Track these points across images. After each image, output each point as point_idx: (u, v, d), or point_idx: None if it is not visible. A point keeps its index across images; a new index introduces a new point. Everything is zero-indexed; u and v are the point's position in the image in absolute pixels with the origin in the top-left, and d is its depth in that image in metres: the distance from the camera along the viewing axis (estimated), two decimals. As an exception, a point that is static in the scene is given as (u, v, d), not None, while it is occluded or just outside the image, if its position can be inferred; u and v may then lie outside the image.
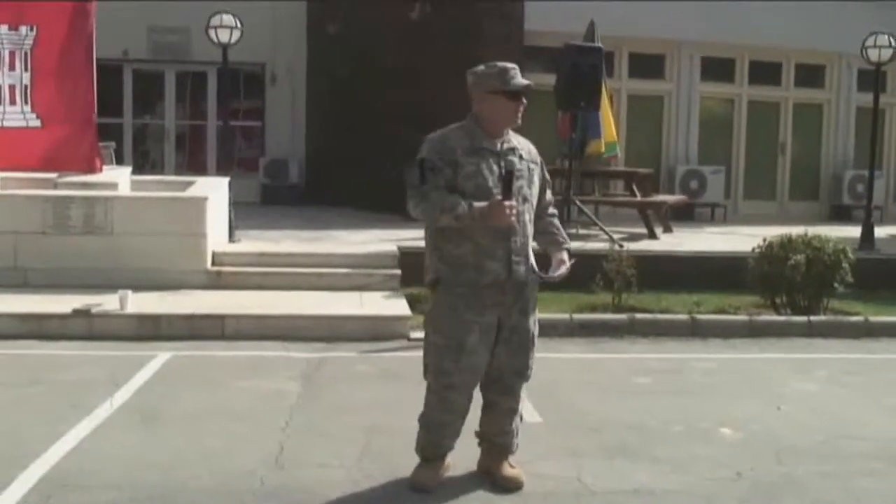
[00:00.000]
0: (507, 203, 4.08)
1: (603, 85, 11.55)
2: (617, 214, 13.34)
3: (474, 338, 4.28)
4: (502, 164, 4.20)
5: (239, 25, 10.85)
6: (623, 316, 8.54)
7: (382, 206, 12.29)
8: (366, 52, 14.62)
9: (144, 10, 15.80)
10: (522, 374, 4.51)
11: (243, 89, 17.41)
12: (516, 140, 4.38)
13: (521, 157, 4.31)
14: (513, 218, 4.11)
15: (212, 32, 10.84)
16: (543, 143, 13.80)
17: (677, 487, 4.55)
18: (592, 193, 14.04)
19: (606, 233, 10.83)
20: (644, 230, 12.05)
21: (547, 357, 7.43)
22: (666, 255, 10.61)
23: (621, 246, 9.93)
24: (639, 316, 8.56)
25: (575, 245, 10.61)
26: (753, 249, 9.20)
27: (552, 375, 6.84)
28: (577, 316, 8.51)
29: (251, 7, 13.51)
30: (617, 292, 8.97)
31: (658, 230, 12.15)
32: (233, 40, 10.87)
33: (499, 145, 4.28)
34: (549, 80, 11.58)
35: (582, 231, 11.58)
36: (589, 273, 9.07)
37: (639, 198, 12.71)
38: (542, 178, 4.48)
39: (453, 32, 13.19)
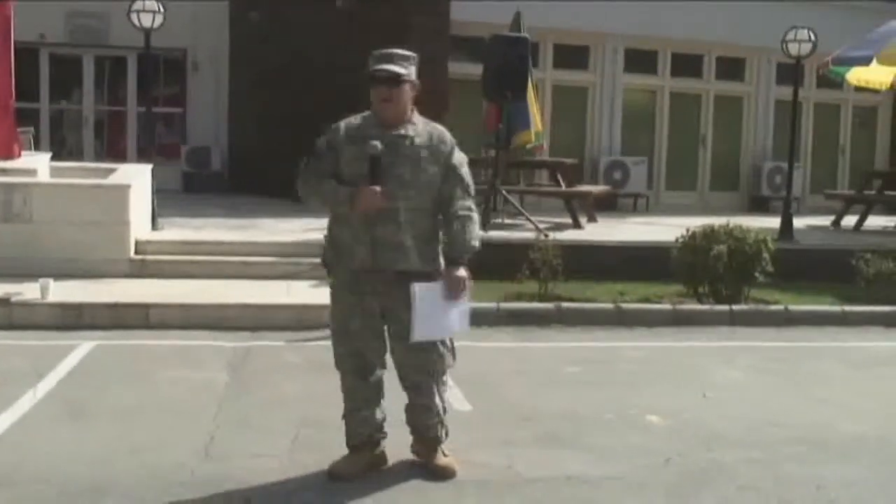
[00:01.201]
0: (370, 189, 4.10)
1: (529, 76, 11.62)
2: (542, 204, 13.46)
3: (356, 322, 4.31)
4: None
5: (161, 10, 10.65)
6: (550, 305, 8.63)
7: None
8: (292, 42, 14.49)
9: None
10: (427, 371, 4.41)
11: (164, 76, 17.10)
12: (420, 128, 4.27)
13: (412, 143, 4.21)
14: (380, 205, 4.10)
15: (134, 16, 10.62)
16: (470, 133, 13.95)
17: (609, 474, 4.63)
18: (518, 183, 14.14)
19: (532, 222, 10.93)
20: (569, 220, 12.18)
21: (476, 346, 7.51)
22: (591, 244, 10.73)
23: (546, 235, 10.03)
24: (565, 305, 8.66)
25: (500, 235, 10.82)
26: (677, 239, 9.37)
27: (481, 364, 6.90)
28: (504, 305, 8.57)
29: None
30: (543, 281, 9.05)
31: (583, 220, 12.29)
32: (155, 25, 10.66)
33: (388, 133, 4.20)
34: (476, 70, 11.63)
35: (508, 221, 11.66)
36: (515, 262, 9.16)
37: (564, 188, 12.84)
38: (445, 168, 4.27)
39: (380, 23, 13.14)
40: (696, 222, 9.57)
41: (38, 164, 10.08)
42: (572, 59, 16.02)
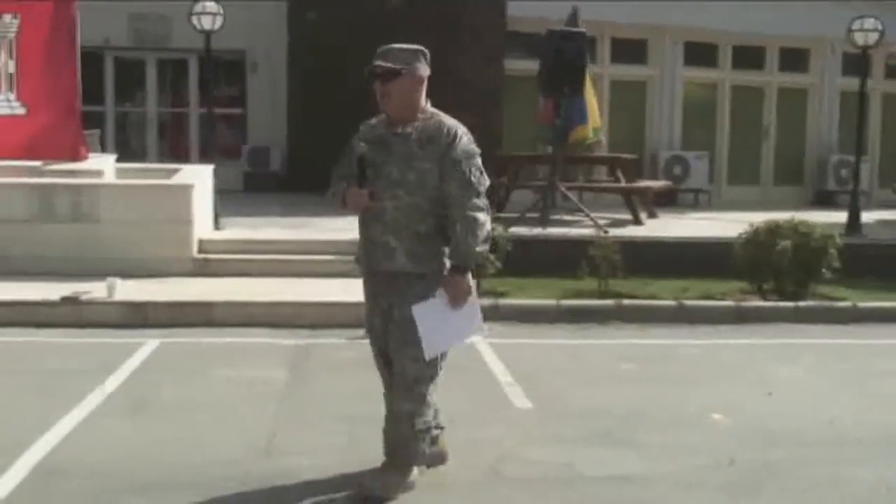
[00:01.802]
0: (354, 189, 4.10)
1: (586, 71, 11.56)
2: (601, 200, 13.39)
3: (377, 321, 4.30)
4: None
5: (221, 12, 10.80)
6: (609, 302, 8.58)
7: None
8: (346, 40, 14.57)
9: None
10: (398, 371, 4.19)
11: (224, 77, 17.32)
12: (423, 124, 4.13)
13: (406, 140, 4.09)
14: (365, 205, 4.08)
15: (195, 19, 10.79)
16: (527, 129, 13.91)
17: (666, 473, 4.59)
18: (576, 179, 14.07)
19: (591, 218, 10.87)
20: (628, 216, 12.09)
21: (535, 343, 7.54)
22: (651, 240, 10.66)
23: (606, 232, 9.98)
24: (625, 302, 8.61)
25: (559, 231, 10.79)
26: (739, 235, 9.26)
27: (540, 362, 6.92)
28: (563, 302, 8.55)
29: (231, -5, 13.45)
30: (603, 278, 9.01)
31: (642, 216, 12.20)
32: (215, 27, 10.81)
33: (393, 131, 4.15)
34: (533, 66, 11.60)
35: (567, 217, 11.62)
36: (574, 259, 9.13)
37: (623, 183, 12.75)
38: (444, 164, 4.05)
39: (434, 20, 13.18)
40: (759, 217, 9.44)
41: (104, 165, 10.30)
42: (630, 54, 15.91)
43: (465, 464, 4.62)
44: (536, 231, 10.56)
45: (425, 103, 4.21)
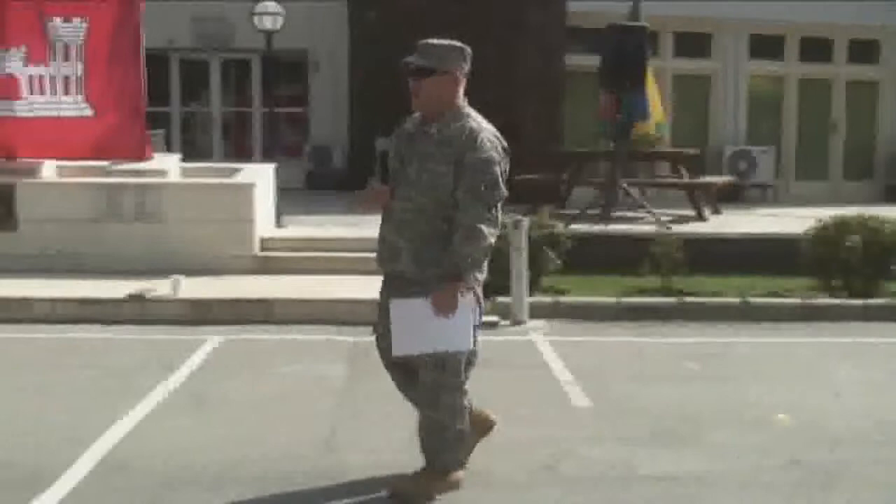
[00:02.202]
0: (369, 186, 4.09)
1: (648, 65, 11.44)
2: (664, 196, 13.24)
3: (382, 318, 4.25)
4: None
5: (282, 12, 10.91)
6: (671, 299, 8.48)
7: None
8: (407, 39, 14.61)
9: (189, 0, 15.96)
10: (422, 382, 4.11)
11: (286, 76, 17.49)
12: (450, 124, 3.98)
13: (427, 141, 3.99)
14: (383, 202, 4.06)
15: (256, 19, 10.92)
16: (588, 125, 13.80)
17: (728, 473, 4.51)
18: (638, 176, 13.93)
19: (654, 215, 10.76)
20: (692, 212, 11.94)
21: (595, 341, 7.49)
22: (715, 237, 10.51)
23: (668, 228, 9.87)
24: (687, 299, 8.50)
25: (621, 228, 10.69)
26: (807, 231, 9.08)
27: (600, 360, 6.86)
28: (624, 300, 8.47)
29: (293, -5, 13.58)
30: (665, 275, 8.90)
31: (706, 212, 12.04)
32: (276, 26, 10.93)
33: (421, 129, 4.05)
34: (595, 61, 11.51)
35: (629, 214, 11.51)
36: (636, 256, 9.04)
37: (686, 179, 12.59)
38: (458, 167, 3.91)
39: (495, 16, 13.15)
40: (828, 213, 9.26)
41: (168, 165, 10.47)
42: (694, 47, 15.71)
43: (521, 462, 4.61)
44: (597, 228, 10.48)
45: (461, 102, 4.06)
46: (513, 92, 13.33)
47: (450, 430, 4.13)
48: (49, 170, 9.84)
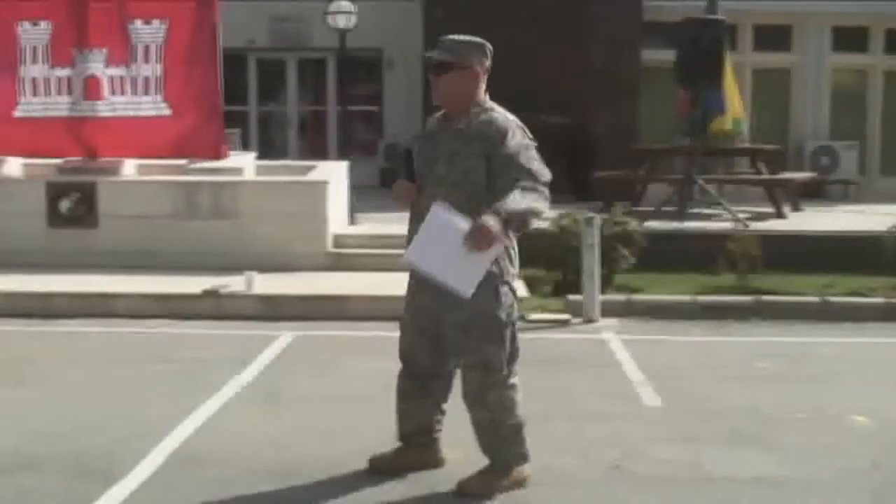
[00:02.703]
0: (399, 181, 4.07)
1: (726, 59, 11.22)
2: (742, 194, 12.99)
3: (406, 316, 4.24)
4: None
5: (355, 11, 10.98)
6: (748, 298, 8.31)
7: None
8: (478, 35, 14.59)
9: (267, 0, 16.17)
10: (463, 379, 4.12)
11: (361, 75, 17.62)
12: (475, 119, 4.00)
13: (454, 136, 3.99)
14: (410, 199, 4.04)
15: (329, 18, 11.02)
16: (664, 121, 13.62)
17: (802, 477, 4.39)
18: (715, 172, 13.69)
19: (730, 212, 10.56)
20: (771, 209, 11.69)
21: (669, 340, 7.38)
22: (794, 234, 10.29)
23: (746, 225, 9.68)
24: (765, 298, 8.31)
25: (697, 225, 10.52)
26: (891, 228, 8.82)
27: (673, 358, 6.77)
28: (699, 298, 8.33)
29: (369, -6, 13.69)
30: (741, 273, 8.73)
31: (786, 209, 11.77)
32: (349, 25, 11.01)
33: (445, 126, 4.09)
34: (671, 56, 11.34)
35: (705, 211, 11.32)
36: (712, 254, 8.90)
37: (765, 175, 12.33)
38: (496, 159, 3.92)
39: (567, 10, 13.03)
40: (912, 210, 8.97)
41: (244, 163, 10.62)
42: (774, 41, 15.37)
43: (590, 461, 4.56)
44: (673, 225, 10.33)
45: (483, 97, 4.09)
46: (586, 88, 13.19)
47: (503, 427, 4.11)
48: (129, 168, 10.06)
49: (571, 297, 8.15)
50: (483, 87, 4.10)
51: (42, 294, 8.21)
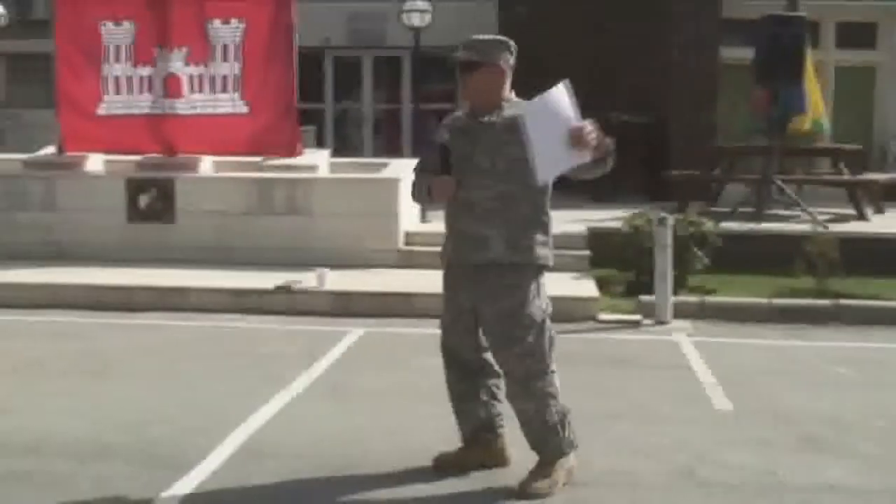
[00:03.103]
0: (440, 178, 4.05)
1: (806, 57, 10.97)
2: (822, 195, 12.67)
3: (448, 317, 4.28)
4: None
5: (430, 9, 11.00)
6: (826, 302, 8.10)
7: (572, 186, 12.27)
8: (556, 33, 14.51)
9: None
10: (507, 372, 4.15)
11: (436, 73, 17.62)
12: (509, 112, 4.07)
13: (492, 130, 4.06)
14: (451, 193, 4.04)
15: (404, 17, 11.05)
16: (742, 120, 13.36)
17: (879, 486, 4.27)
18: (795, 173, 13.38)
19: (809, 213, 10.32)
20: (852, 211, 11.39)
21: (742, 343, 7.25)
22: (876, 237, 10.00)
23: (825, 227, 9.45)
24: (843, 302, 8.09)
25: (773, 227, 10.30)
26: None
27: (747, 362, 6.64)
28: (775, 301, 8.14)
29: (445, -8, 13.71)
30: (820, 276, 8.53)
31: (868, 211, 11.46)
32: (424, 24, 11.03)
33: (478, 121, 4.11)
34: (749, 54, 11.12)
35: (783, 212, 11.08)
36: (789, 256, 8.71)
37: (846, 176, 12.02)
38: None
39: (644, 7, 12.87)
40: None
41: (318, 160, 10.71)
42: (857, 38, 14.96)
43: (658, 465, 4.50)
44: (749, 226, 10.13)
45: (509, 94, 4.19)
46: (664, 87, 13.01)
47: (549, 414, 4.13)
48: (206, 165, 10.23)
49: (643, 297, 8.05)
50: (509, 83, 4.18)
51: (120, 288, 8.40)
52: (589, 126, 3.89)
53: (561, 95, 3.96)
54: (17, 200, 9.91)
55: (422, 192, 4.25)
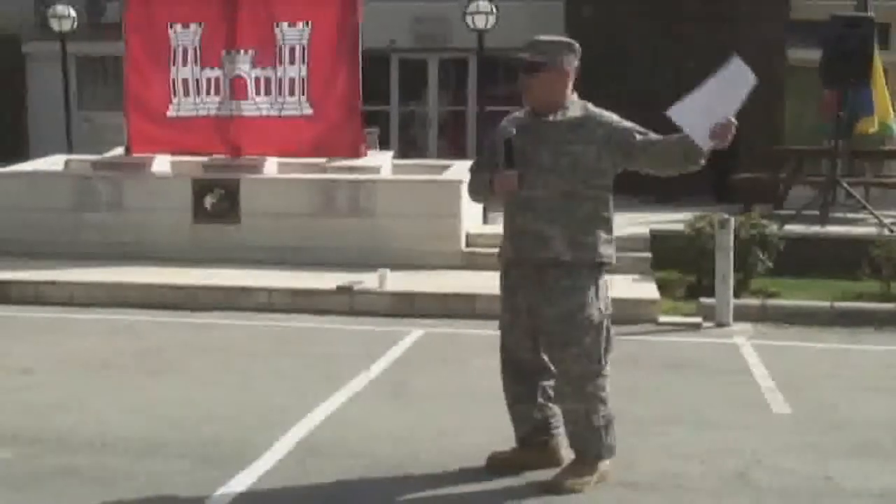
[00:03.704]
0: (504, 172, 4.05)
1: (875, 59, 10.76)
2: (890, 197, 12.41)
3: (506, 316, 4.28)
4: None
5: (495, 11, 11.03)
6: (890, 305, 7.96)
7: (636, 188, 12.18)
8: (623, 34, 14.43)
9: (409, 1, 16.40)
10: (561, 371, 4.16)
11: (503, 75, 17.64)
12: (572, 112, 4.13)
13: (556, 128, 4.10)
14: (514, 188, 4.04)
15: (468, 19, 11.10)
16: (810, 123, 13.14)
17: (933, 493, 4.22)
18: (863, 175, 13.13)
19: (876, 216, 10.13)
20: (922, 214, 11.15)
21: (804, 346, 7.17)
22: (945, 241, 9.74)
23: (892, 230, 9.27)
24: (907, 306, 7.96)
25: (839, 230, 10.13)
26: None
27: (805, 366, 6.58)
28: (837, 304, 8.03)
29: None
30: (885, 280, 8.38)
31: (938, 214, 11.20)
32: (488, 26, 11.06)
33: (541, 119, 4.13)
34: (817, 55, 10.94)
35: (849, 215, 10.89)
36: (855, 260, 8.57)
37: (916, 179, 11.78)
38: (611, 138, 4.08)
39: (711, 8, 12.74)
40: None
41: (381, 162, 10.82)
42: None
43: (713, 468, 4.49)
44: (814, 229, 9.98)
45: (572, 95, 4.20)
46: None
47: (597, 417, 4.15)
48: (271, 166, 10.39)
49: (704, 300, 8.00)
50: (571, 86, 4.21)
51: (185, 287, 8.59)
52: (734, 128, 3.95)
53: (737, 74, 4.01)
54: (85, 201, 10.16)
55: (482, 187, 4.28)
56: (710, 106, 3.99)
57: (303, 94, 10.23)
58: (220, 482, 4.26)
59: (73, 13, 14.36)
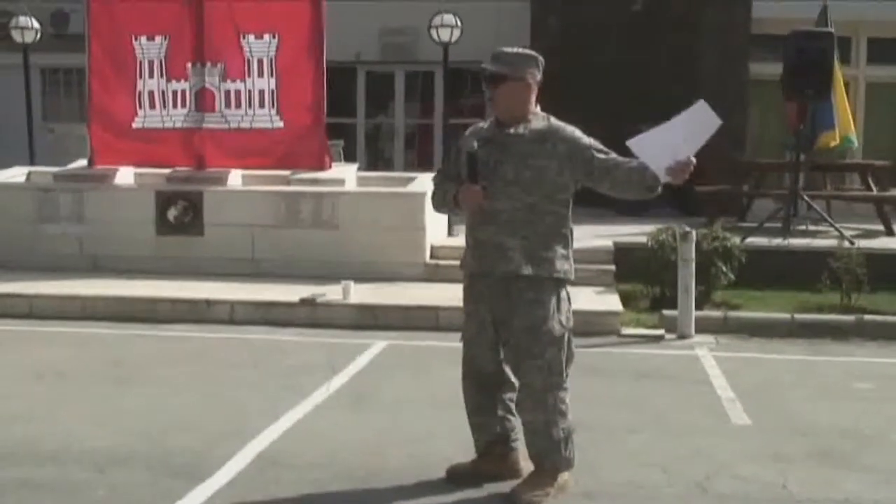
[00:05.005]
0: (467, 186, 4.07)
1: (836, 73, 10.92)
2: (852, 211, 12.57)
3: (471, 329, 4.29)
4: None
5: (459, 24, 11.08)
6: (850, 317, 8.05)
7: (600, 200, 12.25)
8: (589, 44, 14.52)
9: (376, 13, 16.40)
10: (524, 383, 4.16)
11: (470, 87, 17.68)
12: (535, 125, 4.16)
13: (520, 140, 4.11)
14: (479, 201, 4.05)
15: (433, 32, 11.13)
16: (772, 136, 13.28)
17: (892, 499, 4.26)
18: (824, 188, 13.29)
19: (837, 229, 10.26)
20: (881, 227, 11.31)
21: (764, 358, 7.24)
22: (903, 253, 9.90)
23: (852, 243, 9.39)
24: (868, 317, 8.05)
25: (801, 242, 10.25)
26: None
27: (766, 376, 6.64)
28: (798, 316, 8.11)
29: (476, 7, 13.78)
30: (845, 292, 8.48)
31: (896, 227, 11.37)
32: (453, 39, 11.12)
33: (505, 132, 4.16)
34: (778, 69, 11.09)
35: (811, 227, 11.02)
36: (816, 272, 8.67)
37: (875, 192, 11.93)
38: (575, 157, 4.11)
39: (676, 21, 12.87)
40: None
41: (345, 174, 10.80)
42: (890, 54, 14.83)
43: (673, 477, 4.52)
44: (776, 241, 10.09)
45: (535, 107, 4.23)
46: (693, 99, 12.92)
47: (556, 429, 4.15)
48: (234, 178, 10.33)
49: (666, 312, 8.05)
50: (534, 98, 4.23)
51: (148, 299, 8.52)
52: (692, 167, 4.04)
53: (702, 117, 4.13)
54: (48, 213, 10.06)
55: (444, 200, 4.29)
56: (672, 143, 4.05)
57: (270, 107, 10.23)
58: (180, 493, 4.24)
59: (36, 24, 14.22)
